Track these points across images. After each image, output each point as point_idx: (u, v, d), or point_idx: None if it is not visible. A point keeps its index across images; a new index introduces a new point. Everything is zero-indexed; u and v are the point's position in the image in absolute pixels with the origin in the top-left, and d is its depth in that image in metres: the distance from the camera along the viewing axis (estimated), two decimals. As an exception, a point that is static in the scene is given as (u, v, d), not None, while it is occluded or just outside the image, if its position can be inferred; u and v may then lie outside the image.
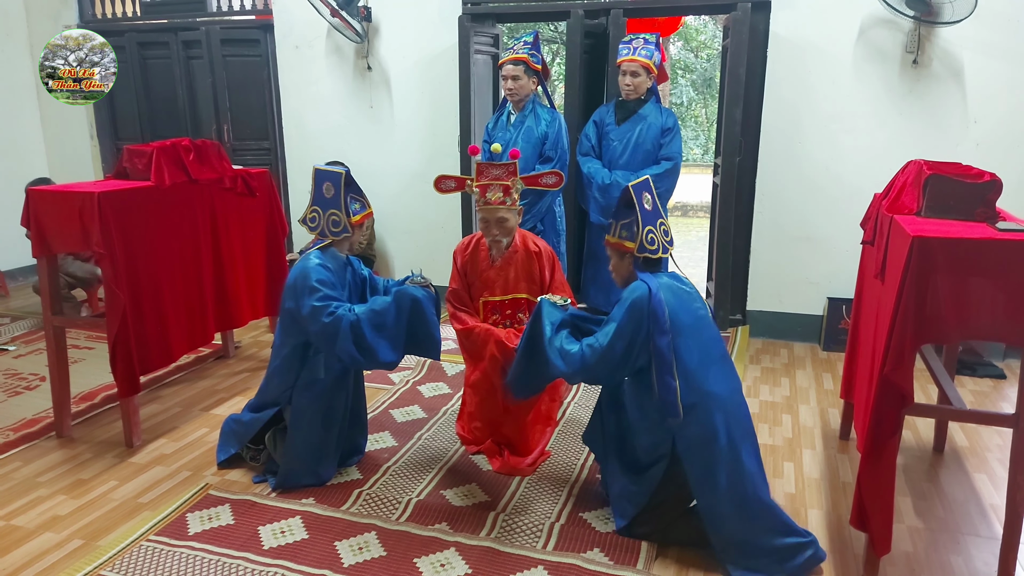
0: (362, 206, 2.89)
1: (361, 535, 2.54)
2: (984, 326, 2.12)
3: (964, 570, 2.40)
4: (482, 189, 2.97)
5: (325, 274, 2.75)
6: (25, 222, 3.18)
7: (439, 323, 2.87)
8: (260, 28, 5.76)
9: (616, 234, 2.56)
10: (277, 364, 2.90)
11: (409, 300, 2.77)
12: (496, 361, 2.98)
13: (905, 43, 4.17)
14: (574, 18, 4.70)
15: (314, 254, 2.82)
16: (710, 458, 2.31)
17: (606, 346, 2.39)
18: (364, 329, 2.68)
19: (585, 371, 2.45)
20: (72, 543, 2.55)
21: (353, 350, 2.68)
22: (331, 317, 2.66)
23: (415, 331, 2.81)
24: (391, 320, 2.73)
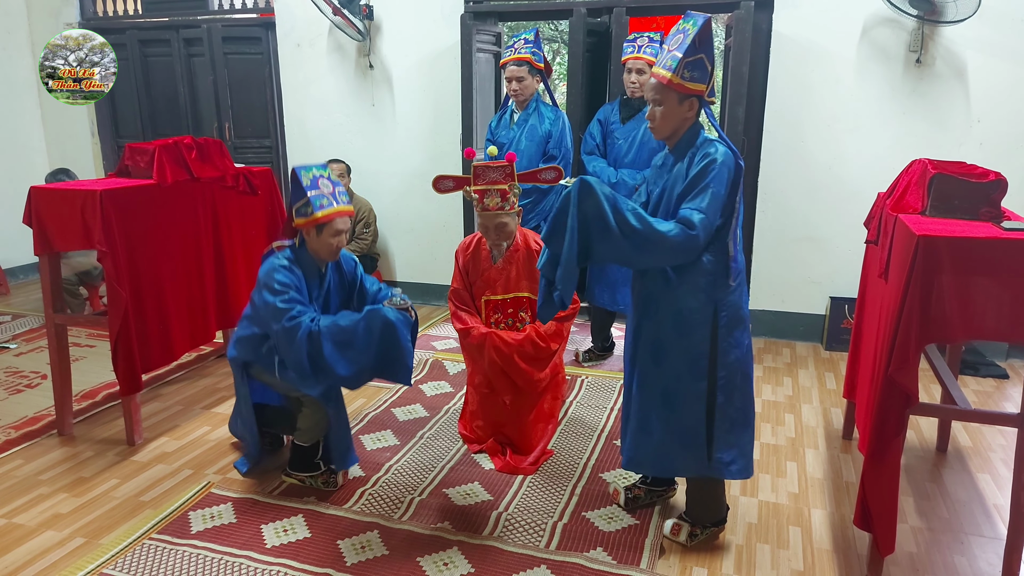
0: (330, 202, 2.67)
1: (363, 534, 2.54)
2: (989, 326, 2.11)
3: (968, 570, 2.39)
4: (480, 195, 2.95)
5: (289, 277, 2.62)
6: (27, 220, 3.17)
7: (413, 349, 2.69)
8: (262, 26, 5.76)
9: (678, 72, 2.19)
10: (242, 335, 2.81)
11: (380, 322, 2.58)
12: (495, 364, 2.98)
13: (908, 42, 4.16)
14: (576, 16, 4.70)
15: (284, 254, 2.70)
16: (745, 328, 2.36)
17: (710, 216, 2.19)
18: (323, 343, 2.53)
19: (689, 248, 2.20)
20: (74, 541, 2.54)
21: (305, 361, 2.55)
22: (292, 322, 2.53)
23: (386, 355, 2.62)
24: (357, 339, 2.57)
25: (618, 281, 3.97)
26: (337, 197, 2.71)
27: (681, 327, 2.31)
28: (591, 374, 4.02)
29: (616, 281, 3.97)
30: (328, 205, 2.66)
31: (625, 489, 2.73)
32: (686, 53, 2.18)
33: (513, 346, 2.98)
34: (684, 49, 2.18)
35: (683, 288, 2.29)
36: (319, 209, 2.63)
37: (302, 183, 2.64)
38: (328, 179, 2.73)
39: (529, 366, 3.03)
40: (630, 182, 3.79)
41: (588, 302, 4.23)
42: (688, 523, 2.52)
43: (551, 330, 3.03)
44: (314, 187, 2.66)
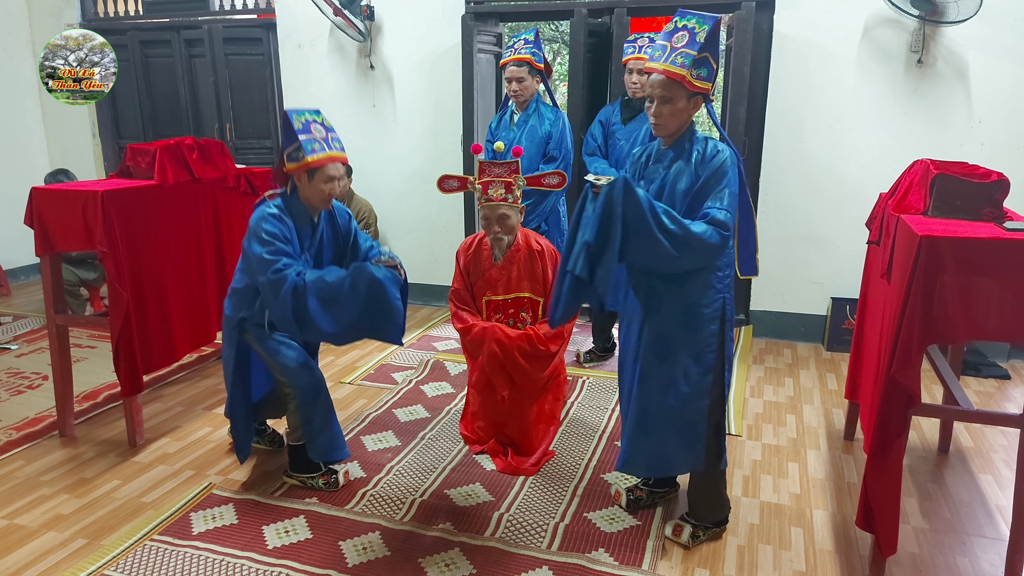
0: (322, 147, 2.59)
1: (365, 535, 2.54)
2: (991, 326, 2.11)
3: (970, 571, 2.39)
4: (484, 186, 2.99)
5: (277, 226, 2.56)
6: (28, 221, 3.17)
7: (404, 308, 2.65)
8: (262, 27, 5.76)
9: (690, 70, 2.22)
10: (236, 286, 2.77)
11: (367, 279, 2.52)
12: (495, 356, 2.97)
13: (910, 42, 4.16)
14: (577, 17, 4.70)
15: (275, 202, 2.63)
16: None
17: (733, 214, 2.23)
18: (307, 298, 2.48)
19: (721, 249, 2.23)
20: (75, 542, 2.54)
21: (290, 315, 2.49)
22: (277, 275, 2.48)
23: (373, 313, 2.56)
24: (343, 296, 2.52)
25: (620, 282, 3.94)
26: (330, 142, 2.62)
27: (690, 322, 2.33)
28: (592, 375, 4.02)
29: (619, 282, 3.95)
30: (320, 150, 2.57)
31: (627, 490, 2.73)
32: (699, 51, 2.22)
33: (514, 340, 2.98)
34: (697, 47, 2.22)
35: (692, 284, 2.31)
36: (310, 153, 2.54)
37: (293, 127, 2.55)
38: (322, 124, 2.64)
39: (528, 364, 3.02)
40: None
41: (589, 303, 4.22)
42: (691, 523, 2.52)
43: (550, 332, 3.03)
44: (306, 131, 2.56)
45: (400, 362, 4.31)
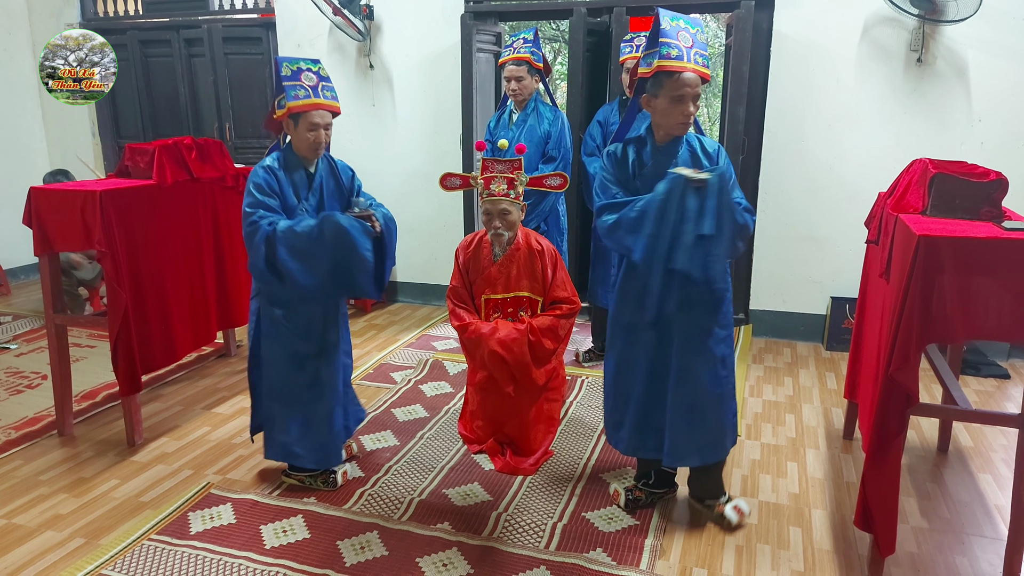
0: (308, 93, 2.58)
1: (363, 534, 2.54)
2: (990, 326, 2.11)
3: (969, 571, 2.38)
4: (486, 181, 3.00)
5: (264, 179, 2.56)
6: (27, 220, 3.17)
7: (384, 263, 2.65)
8: (262, 26, 5.76)
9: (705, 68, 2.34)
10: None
11: (333, 228, 2.48)
12: (497, 356, 2.96)
13: (909, 41, 4.15)
14: (577, 16, 4.69)
15: (271, 156, 2.65)
16: None
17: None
18: (278, 248, 2.47)
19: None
20: (73, 542, 2.54)
21: (263, 265, 2.50)
22: (252, 226, 2.49)
23: (343, 265, 2.54)
24: (312, 245, 2.49)
25: None
26: (319, 91, 2.60)
27: (717, 306, 2.44)
28: (591, 374, 4.02)
29: None
30: (305, 96, 2.57)
31: (625, 490, 2.73)
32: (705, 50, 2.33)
33: (517, 339, 2.97)
34: (705, 47, 2.33)
35: (717, 271, 2.39)
36: (293, 99, 2.55)
37: (281, 74, 2.56)
38: (316, 73, 2.64)
39: (531, 359, 3.02)
40: None
41: (590, 302, 4.22)
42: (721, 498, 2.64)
43: (544, 324, 3.03)
44: (294, 78, 2.57)
45: (399, 361, 4.30)
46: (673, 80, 2.28)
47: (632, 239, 2.32)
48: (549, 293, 3.12)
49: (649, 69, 2.33)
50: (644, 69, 2.36)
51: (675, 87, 2.29)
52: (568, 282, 3.15)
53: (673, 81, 2.28)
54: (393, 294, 5.66)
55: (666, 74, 2.28)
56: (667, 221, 2.25)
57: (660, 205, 2.25)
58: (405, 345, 4.59)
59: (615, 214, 2.36)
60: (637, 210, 2.30)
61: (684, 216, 2.23)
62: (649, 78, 2.34)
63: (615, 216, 2.36)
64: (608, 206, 2.40)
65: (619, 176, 2.46)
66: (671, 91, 2.30)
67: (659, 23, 2.30)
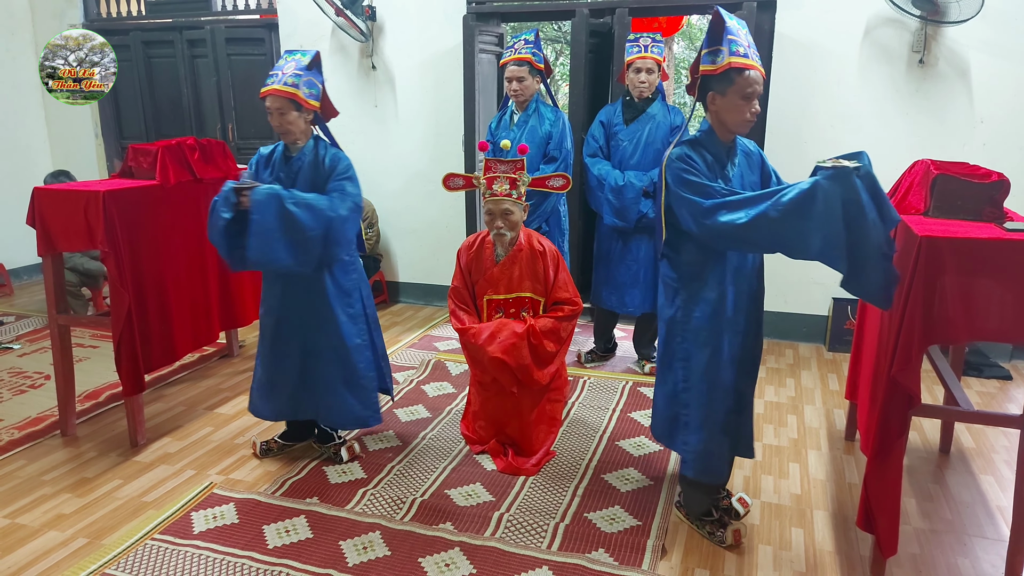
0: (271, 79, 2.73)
1: (365, 535, 2.54)
2: (992, 327, 2.11)
3: (971, 572, 2.38)
4: (489, 181, 3.01)
5: (255, 157, 2.91)
6: (31, 221, 3.18)
7: (222, 226, 2.65)
8: (265, 27, 5.76)
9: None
10: None
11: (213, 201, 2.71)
12: (500, 363, 2.96)
13: (911, 43, 4.15)
14: (579, 17, 4.70)
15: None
16: None
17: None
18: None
19: None
20: (77, 542, 2.55)
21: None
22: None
23: (211, 231, 2.73)
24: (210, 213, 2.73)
25: (626, 284, 3.97)
26: (278, 77, 2.73)
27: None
28: (593, 375, 4.02)
29: (624, 284, 3.97)
30: (267, 83, 2.74)
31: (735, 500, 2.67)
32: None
33: (518, 343, 2.97)
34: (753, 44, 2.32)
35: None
36: (263, 87, 2.76)
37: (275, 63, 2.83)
38: (294, 61, 2.78)
39: (533, 361, 3.02)
40: (637, 184, 3.79)
41: (594, 304, 4.22)
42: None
43: (546, 326, 3.03)
44: (277, 68, 2.78)
45: (401, 362, 4.31)
46: (743, 77, 2.25)
47: (799, 234, 2.05)
48: (551, 294, 3.12)
49: (716, 66, 2.28)
50: (709, 67, 2.30)
51: (745, 84, 2.25)
52: (570, 283, 3.16)
53: (743, 78, 2.25)
54: (395, 295, 5.67)
55: (736, 71, 2.25)
56: (835, 212, 2.00)
57: (826, 196, 1.99)
58: (407, 346, 4.60)
59: (748, 209, 2.12)
60: (793, 203, 2.03)
61: (863, 209, 2.00)
62: (715, 75, 2.29)
63: (752, 211, 2.10)
64: (724, 205, 2.17)
65: (707, 175, 2.32)
66: (741, 88, 2.26)
67: (724, 20, 2.28)
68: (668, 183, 2.32)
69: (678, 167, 2.30)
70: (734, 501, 2.61)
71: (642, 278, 3.94)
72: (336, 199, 2.75)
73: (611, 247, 3.99)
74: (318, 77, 2.84)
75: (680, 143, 2.38)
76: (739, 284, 2.42)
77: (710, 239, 2.27)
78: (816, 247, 2.05)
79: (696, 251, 2.37)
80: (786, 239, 2.10)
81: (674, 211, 2.34)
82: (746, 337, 2.48)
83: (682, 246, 2.41)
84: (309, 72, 2.79)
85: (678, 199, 2.28)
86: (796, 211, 2.03)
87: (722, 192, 2.22)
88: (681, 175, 2.28)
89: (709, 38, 2.33)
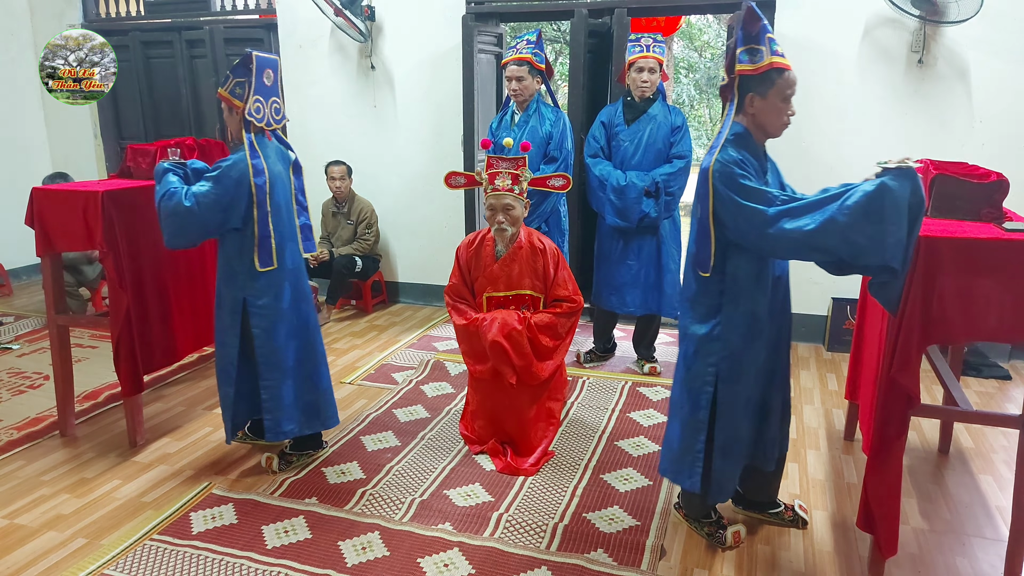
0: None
1: (364, 535, 2.54)
2: (991, 327, 2.11)
3: (970, 572, 2.38)
4: (491, 177, 3.03)
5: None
6: (29, 221, 3.18)
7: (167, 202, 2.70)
8: (264, 27, 5.76)
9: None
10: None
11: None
12: (500, 348, 2.96)
13: (910, 43, 4.15)
14: (578, 17, 4.70)
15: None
16: None
17: None
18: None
19: None
20: (75, 542, 2.55)
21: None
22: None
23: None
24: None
25: (627, 284, 3.97)
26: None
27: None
28: (592, 375, 4.02)
29: (625, 284, 3.97)
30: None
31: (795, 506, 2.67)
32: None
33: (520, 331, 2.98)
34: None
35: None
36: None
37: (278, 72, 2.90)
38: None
39: (532, 351, 3.02)
40: (639, 184, 3.79)
41: (595, 304, 4.22)
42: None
43: (543, 321, 3.04)
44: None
45: (400, 362, 4.31)
46: (784, 78, 2.19)
47: (869, 237, 1.93)
48: (550, 291, 3.12)
49: (756, 66, 2.18)
50: (747, 66, 2.19)
51: (785, 85, 2.19)
52: (570, 281, 3.16)
53: (784, 79, 2.19)
54: (394, 295, 5.67)
55: (777, 72, 2.18)
56: (902, 213, 1.92)
57: (894, 197, 1.91)
58: (406, 346, 4.60)
59: (814, 215, 2.01)
60: (861, 205, 1.93)
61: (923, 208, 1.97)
62: (755, 76, 2.19)
63: (819, 217, 2.00)
64: (787, 212, 2.06)
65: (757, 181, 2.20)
66: (783, 89, 2.20)
67: (760, 17, 2.18)
68: (718, 190, 2.14)
69: (734, 173, 2.13)
70: (797, 510, 2.62)
71: (643, 278, 3.95)
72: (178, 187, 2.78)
73: (612, 247, 3.99)
74: (241, 73, 2.79)
75: (724, 146, 2.21)
76: (776, 294, 2.34)
77: (772, 248, 2.14)
78: (886, 250, 1.93)
79: (746, 262, 2.23)
80: (856, 243, 1.95)
81: (723, 220, 2.17)
82: (777, 347, 2.42)
83: (729, 258, 2.24)
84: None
85: (735, 207, 2.11)
86: (865, 213, 1.91)
87: (781, 199, 2.09)
88: (739, 181, 2.12)
89: (744, 35, 2.20)
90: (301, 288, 2.96)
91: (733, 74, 2.24)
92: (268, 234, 2.76)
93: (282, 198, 2.84)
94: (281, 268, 2.83)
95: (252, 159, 2.71)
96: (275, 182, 2.79)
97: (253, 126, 2.76)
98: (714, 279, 2.26)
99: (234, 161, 2.71)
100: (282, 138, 3.00)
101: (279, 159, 2.90)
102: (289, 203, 2.91)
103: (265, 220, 2.74)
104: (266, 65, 2.77)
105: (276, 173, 2.82)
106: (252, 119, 2.74)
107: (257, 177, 2.70)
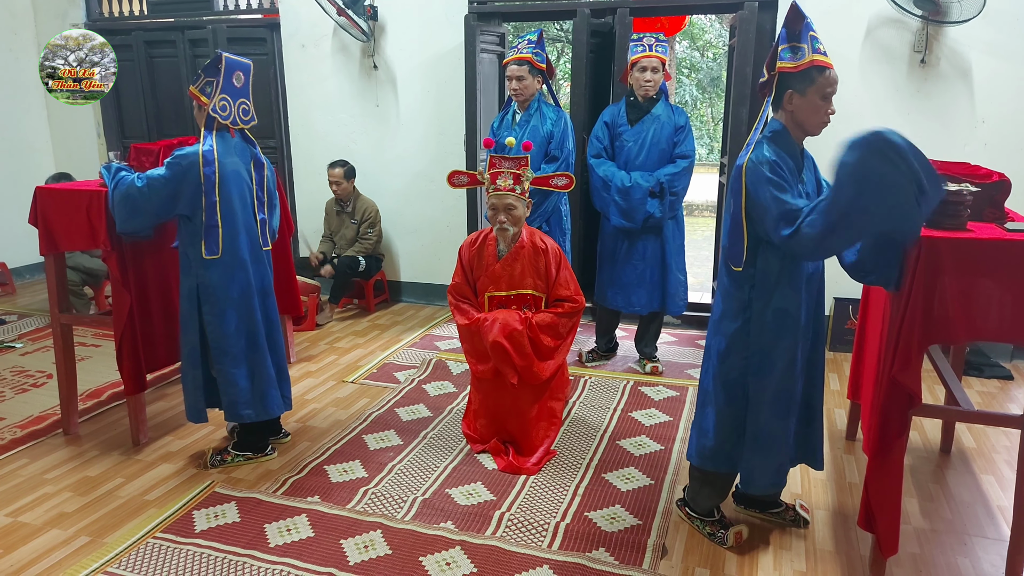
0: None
1: (367, 533, 2.55)
2: (992, 327, 2.11)
3: (971, 572, 2.38)
4: (493, 176, 3.03)
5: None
6: (33, 220, 3.19)
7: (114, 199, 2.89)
8: (266, 27, 5.77)
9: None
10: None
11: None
12: (501, 348, 2.96)
13: (913, 43, 4.15)
14: (580, 17, 4.70)
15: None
16: None
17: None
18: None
19: None
20: (79, 540, 2.56)
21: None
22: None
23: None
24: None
25: (631, 283, 3.97)
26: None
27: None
28: (594, 374, 4.02)
29: (629, 284, 3.98)
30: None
31: None
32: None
33: (522, 330, 2.99)
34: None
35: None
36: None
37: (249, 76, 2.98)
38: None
39: (533, 350, 3.03)
40: (644, 184, 3.79)
41: (598, 304, 4.23)
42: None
43: (544, 321, 3.04)
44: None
45: (403, 361, 4.32)
46: (824, 76, 2.16)
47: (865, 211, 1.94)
48: (552, 291, 3.13)
49: (796, 64, 2.17)
50: (788, 64, 2.18)
51: (825, 84, 2.17)
52: (571, 281, 3.17)
53: (824, 77, 2.16)
54: (397, 294, 5.68)
55: (817, 69, 2.16)
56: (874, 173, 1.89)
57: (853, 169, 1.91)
58: (409, 345, 4.61)
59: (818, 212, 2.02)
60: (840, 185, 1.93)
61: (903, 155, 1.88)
62: (795, 73, 2.18)
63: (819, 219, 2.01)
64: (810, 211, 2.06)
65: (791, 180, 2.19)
66: (822, 88, 2.17)
67: (804, 15, 2.17)
68: (748, 189, 2.17)
69: (767, 173, 2.13)
70: (799, 509, 2.62)
71: (648, 278, 3.95)
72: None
73: (616, 247, 4.00)
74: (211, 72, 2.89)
75: (758, 144, 2.21)
76: (810, 290, 2.33)
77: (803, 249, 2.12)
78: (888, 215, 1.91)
79: (777, 259, 2.23)
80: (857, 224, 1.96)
81: (753, 217, 2.20)
82: (814, 345, 2.41)
83: (759, 255, 2.26)
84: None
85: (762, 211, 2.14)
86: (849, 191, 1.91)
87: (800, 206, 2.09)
88: (771, 191, 2.12)
89: (787, 33, 2.20)
90: (260, 280, 3.04)
91: (774, 71, 2.24)
92: (215, 224, 2.85)
93: (235, 191, 2.92)
94: (232, 258, 2.91)
95: (204, 150, 2.83)
96: (227, 175, 2.88)
97: (217, 123, 2.87)
98: (746, 274, 2.29)
99: (187, 151, 2.84)
100: (248, 136, 3.06)
101: (238, 155, 2.96)
102: (245, 196, 2.98)
103: (212, 209, 2.84)
104: (237, 67, 2.89)
105: (230, 166, 2.90)
106: (217, 116, 2.85)
107: (207, 167, 2.82)
